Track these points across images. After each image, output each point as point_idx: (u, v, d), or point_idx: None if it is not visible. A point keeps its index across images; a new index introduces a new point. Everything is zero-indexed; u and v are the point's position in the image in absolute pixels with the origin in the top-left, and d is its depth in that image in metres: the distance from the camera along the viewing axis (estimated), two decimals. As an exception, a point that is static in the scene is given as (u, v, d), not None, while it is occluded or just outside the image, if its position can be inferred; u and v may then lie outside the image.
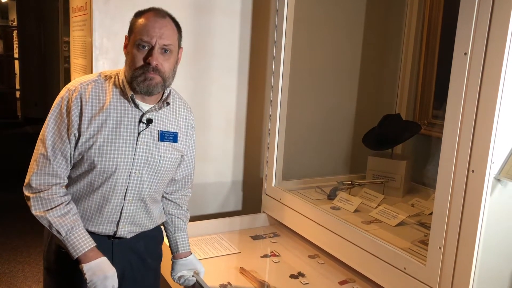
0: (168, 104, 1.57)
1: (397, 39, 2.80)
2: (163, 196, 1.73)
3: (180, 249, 1.74)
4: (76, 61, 2.70)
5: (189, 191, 1.82)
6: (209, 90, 2.65)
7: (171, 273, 1.74)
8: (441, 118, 2.33)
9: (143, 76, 1.44)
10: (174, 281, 1.74)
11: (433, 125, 2.58)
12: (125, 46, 1.51)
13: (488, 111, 1.34)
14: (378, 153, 2.56)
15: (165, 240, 1.80)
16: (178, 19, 1.53)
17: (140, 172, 1.52)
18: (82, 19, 2.46)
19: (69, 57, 3.00)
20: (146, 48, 1.44)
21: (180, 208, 1.77)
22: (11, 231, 4.10)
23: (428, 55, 2.62)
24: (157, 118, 1.55)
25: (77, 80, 1.52)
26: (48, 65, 7.12)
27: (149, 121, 1.52)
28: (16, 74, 8.96)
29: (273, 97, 2.40)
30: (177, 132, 1.60)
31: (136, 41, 1.44)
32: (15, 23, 9.13)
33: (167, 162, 1.58)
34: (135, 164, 1.51)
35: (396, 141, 2.54)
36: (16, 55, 8.95)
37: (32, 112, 8.15)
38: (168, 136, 1.57)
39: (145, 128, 1.52)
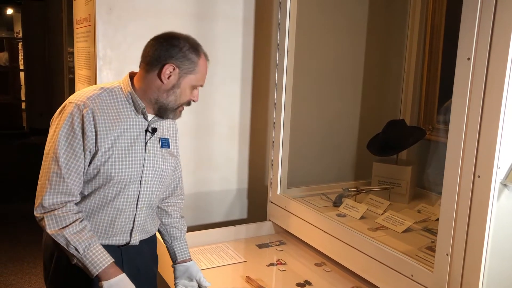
0: None
1: (400, 44, 2.79)
2: None
3: (178, 257, 1.76)
4: (80, 72, 2.72)
5: (181, 198, 1.84)
6: (213, 97, 2.65)
7: (174, 281, 1.76)
8: (446, 123, 2.32)
9: (179, 111, 1.58)
10: None
11: (437, 130, 2.57)
12: (170, 75, 1.48)
13: (493, 115, 1.33)
14: (383, 159, 2.55)
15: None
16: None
17: (149, 179, 1.57)
18: (86, 30, 2.48)
19: (73, 67, 3.01)
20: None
21: (171, 217, 1.78)
22: (17, 242, 4.10)
23: (431, 60, 2.61)
24: (158, 126, 1.61)
25: (81, 94, 1.50)
26: (53, 76, 7.17)
27: (154, 130, 1.57)
28: (21, 85, 9.03)
29: (276, 104, 2.40)
30: (168, 138, 1.67)
31: (197, 83, 1.54)
32: (20, 35, 9.22)
33: (169, 167, 1.65)
34: (145, 172, 1.55)
35: (400, 147, 2.52)
36: (21, 67, 9.03)
37: (37, 123, 8.18)
38: (165, 143, 1.64)
39: (151, 137, 1.57)
